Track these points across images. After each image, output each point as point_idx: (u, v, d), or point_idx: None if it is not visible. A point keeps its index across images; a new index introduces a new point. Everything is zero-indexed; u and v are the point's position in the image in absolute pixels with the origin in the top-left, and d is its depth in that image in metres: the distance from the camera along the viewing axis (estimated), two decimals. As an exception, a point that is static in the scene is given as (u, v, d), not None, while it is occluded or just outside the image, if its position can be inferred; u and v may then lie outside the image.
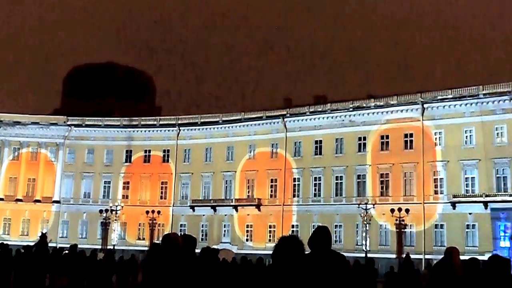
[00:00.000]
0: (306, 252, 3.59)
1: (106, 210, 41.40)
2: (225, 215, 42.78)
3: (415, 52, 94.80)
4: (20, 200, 46.94)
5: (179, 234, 5.24)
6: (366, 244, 33.54)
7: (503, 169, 34.13)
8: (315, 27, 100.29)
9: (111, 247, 36.69)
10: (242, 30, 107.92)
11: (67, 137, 48.12)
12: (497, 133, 34.46)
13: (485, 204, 33.39)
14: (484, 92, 35.40)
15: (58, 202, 46.93)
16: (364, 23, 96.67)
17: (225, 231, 43.02)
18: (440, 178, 36.05)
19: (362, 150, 38.76)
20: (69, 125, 48.20)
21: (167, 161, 46.18)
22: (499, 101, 34.67)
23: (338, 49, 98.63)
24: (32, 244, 13.81)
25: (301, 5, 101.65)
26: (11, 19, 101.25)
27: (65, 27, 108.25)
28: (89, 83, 56.93)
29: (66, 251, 14.76)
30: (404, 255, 27.63)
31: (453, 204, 34.58)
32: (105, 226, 41.64)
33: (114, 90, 55.92)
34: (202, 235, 42.31)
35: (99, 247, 35.43)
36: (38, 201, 46.96)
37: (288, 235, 3.84)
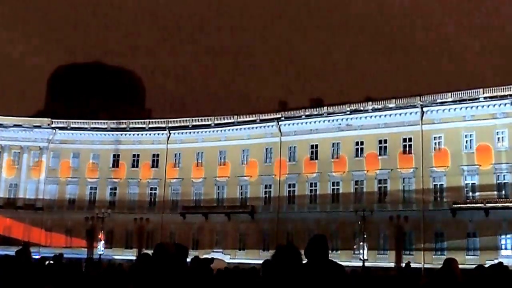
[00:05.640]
0: (303, 262, 3.64)
1: (92, 218, 41.06)
2: (217, 222, 42.68)
3: (414, 54, 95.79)
4: (1, 207, 46.40)
5: (165, 243, 5.27)
6: (363, 253, 33.64)
7: (504, 175, 34.46)
8: (312, 29, 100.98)
9: (97, 257, 36.39)
10: (236, 30, 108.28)
11: (51, 140, 47.78)
12: (498, 138, 34.83)
13: (486, 211, 33.67)
14: (484, 95, 35.82)
15: (41, 209, 46.48)
16: (362, 25, 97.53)
17: (217, 239, 42.89)
18: (440, 184, 36.33)
19: (359, 155, 38.98)
20: (53, 128, 47.87)
21: (157, 166, 46.02)
22: (500, 104, 35.08)
23: (335, 51, 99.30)
24: (13, 254, 13.64)
25: (298, 7, 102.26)
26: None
27: (51, 23, 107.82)
28: (74, 83, 56.59)
29: (51, 261, 14.65)
30: (403, 264, 27.75)
31: (453, 211, 34.84)
32: (91, 234, 41.29)
33: (101, 91, 55.64)
34: (193, 244, 42.08)
35: (84, 256, 35.12)
36: (20, 208, 46.48)
37: (284, 244, 3.89)
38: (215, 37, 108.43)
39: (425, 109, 37.38)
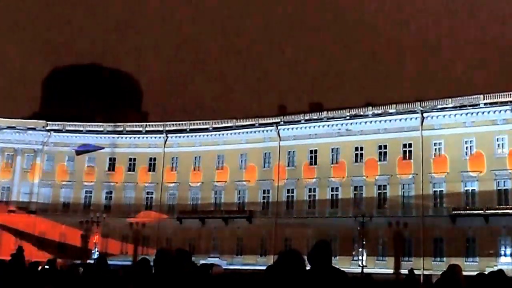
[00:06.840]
0: (307, 268, 3.70)
1: (87, 222, 40.94)
2: (214, 227, 42.62)
3: (415, 59, 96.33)
4: (-6, 210, 46.18)
5: (166, 248, 5.32)
6: (362, 259, 33.70)
7: (504, 181, 34.65)
8: (311, 32, 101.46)
9: (92, 262, 36.25)
10: (235, 33, 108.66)
11: (46, 143, 47.65)
12: (498, 144, 35.06)
13: (486, 217, 33.81)
14: (485, 101, 36.07)
15: (34, 212, 46.29)
16: (362, 28, 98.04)
17: (214, 244, 42.82)
18: (440, 190, 36.47)
19: (359, 161, 39.09)
20: (48, 130, 47.76)
21: (153, 170, 45.98)
22: (500, 111, 35.34)
23: (335, 55, 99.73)
24: (6, 258, 13.63)
25: (298, 11, 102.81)
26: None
27: (47, 24, 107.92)
28: (71, 85, 56.54)
29: (46, 266, 14.65)
30: (403, 271, 27.82)
31: (453, 218, 34.96)
32: (86, 239, 41.16)
33: (97, 93, 55.62)
34: (190, 249, 41.79)
35: (79, 261, 34.99)
36: (13, 211, 46.28)
37: (288, 250, 3.95)
38: (214, 40, 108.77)
39: (425, 114, 37.59)
